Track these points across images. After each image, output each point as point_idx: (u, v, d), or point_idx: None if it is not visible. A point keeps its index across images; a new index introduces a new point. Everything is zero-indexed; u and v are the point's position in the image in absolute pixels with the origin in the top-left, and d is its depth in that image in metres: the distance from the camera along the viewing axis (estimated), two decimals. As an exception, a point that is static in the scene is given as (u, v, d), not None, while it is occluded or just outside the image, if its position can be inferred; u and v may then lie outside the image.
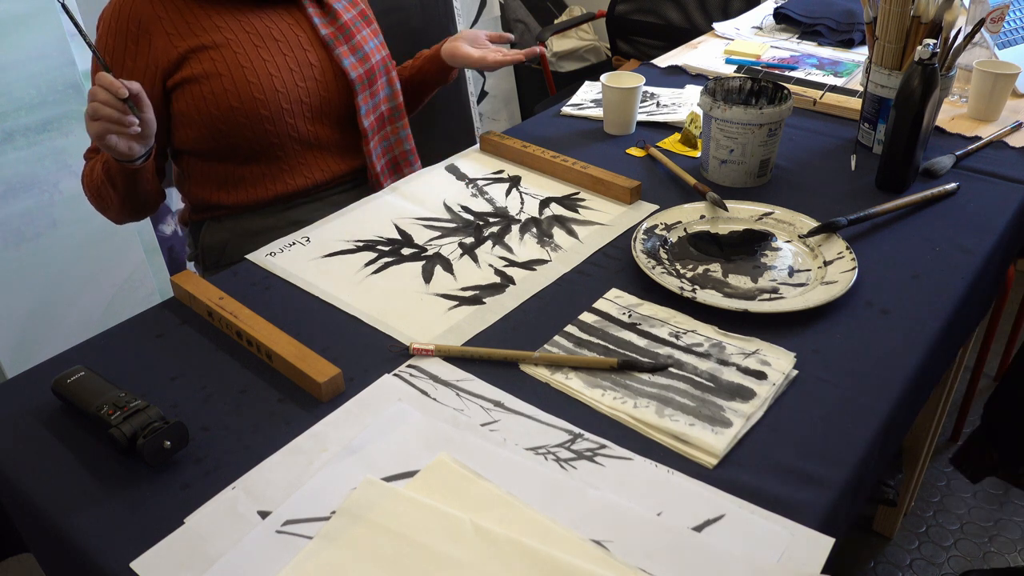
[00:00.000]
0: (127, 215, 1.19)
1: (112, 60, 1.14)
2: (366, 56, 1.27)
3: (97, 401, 0.75)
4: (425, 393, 0.81)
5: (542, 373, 0.83)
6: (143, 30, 1.13)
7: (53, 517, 0.69)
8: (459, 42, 1.33)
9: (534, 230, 1.09)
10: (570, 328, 0.90)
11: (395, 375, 0.83)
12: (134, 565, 0.64)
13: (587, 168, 1.18)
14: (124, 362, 0.87)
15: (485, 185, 1.21)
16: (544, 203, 1.15)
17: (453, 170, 1.25)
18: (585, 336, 0.88)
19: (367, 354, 0.87)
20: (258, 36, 1.18)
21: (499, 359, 0.85)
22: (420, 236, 1.08)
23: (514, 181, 1.22)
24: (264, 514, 0.68)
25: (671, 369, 0.83)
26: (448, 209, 1.14)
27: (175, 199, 1.89)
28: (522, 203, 1.16)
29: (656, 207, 1.13)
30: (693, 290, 0.94)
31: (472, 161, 1.28)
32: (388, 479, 0.71)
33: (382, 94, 1.31)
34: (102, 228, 1.73)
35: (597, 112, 1.43)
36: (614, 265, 1.01)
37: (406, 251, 1.05)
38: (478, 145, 1.33)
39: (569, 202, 1.16)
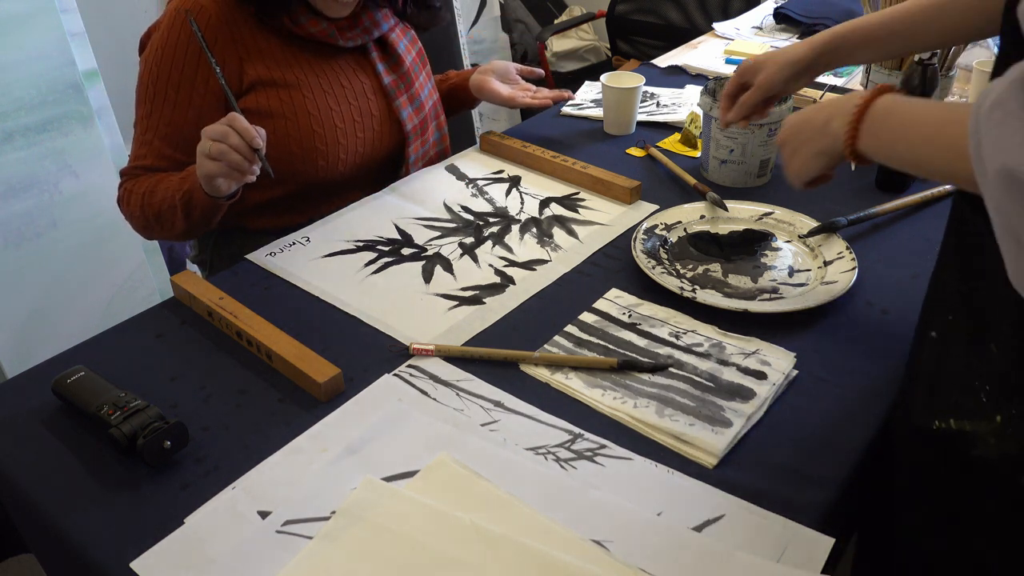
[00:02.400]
0: (178, 239, 1.15)
1: (182, 77, 1.07)
2: (421, 104, 1.24)
3: (97, 401, 0.75)
4: (425, 393, 0.81)
5: (542, 373, 0.83)
6: (217, 51, 1.07)
7: (53, 517, 0.69)
8: (488, 76, 1.31)
9: (534, 230, 1.09)
10: (570, 328, 0.90)
11: (395, 375, 0.83)
12: (134, 565, 0.64)
13: (587, 168, 1.18)
14: (124, 362, 0.87)
15: (485, 185, 1.21)
16: (544, 203, 1.15)
17: (453, 170, 1.25)
18: (585, 336, 0.88)
19: (367, 354, 0.87)
20: (327, 82, 1.14)
21: (499, 359, 0.85)
22: (420, 236, 1.08)
23: (514, 181, 1.22)
24: (264, 514, 0.68)
25: (671, 369, 0.83)
26: (448, 209, 1.14)
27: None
28: (522, 203, 1.16)
29: (656, 207, 1.13)
30: (693, 290, 0.93)
31: (472, 161, 1.28)
32: (388, 479, 0.71)
33: (431, 139, 1.29)
34: (102, 228, 1.73)
35: (597, 112, 1.43)
36: (614, 265, 1.01)
37: (406, 251, 1.05)
38: (478, 145, 1.33)
39: (569, 202, 1.16)
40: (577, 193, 1.18)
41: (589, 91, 1.54)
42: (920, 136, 0.60)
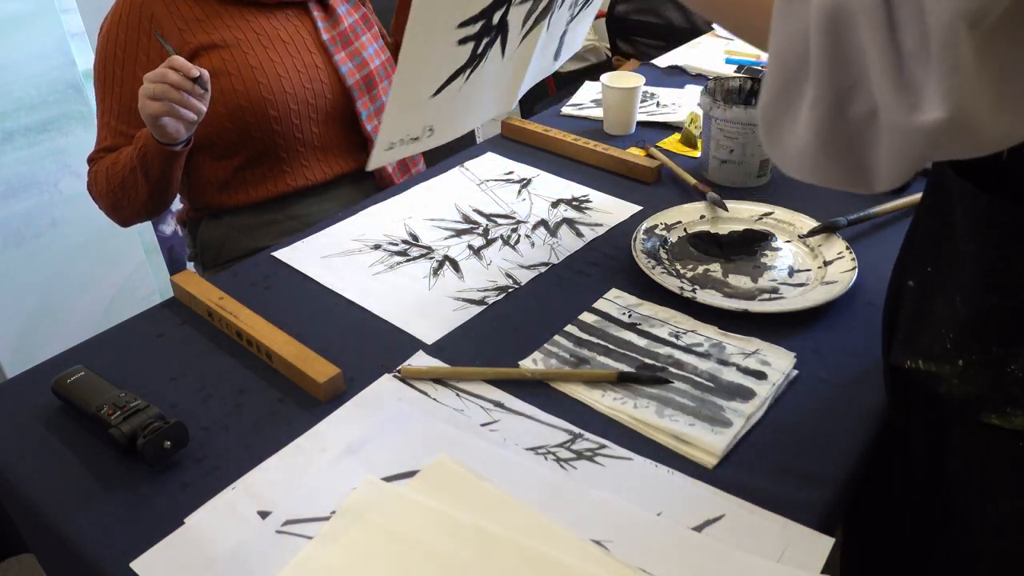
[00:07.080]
0: (147, 209, 1.18)
1: (126, 55, 1.14)
2: (364, 62, 1.26)
3: (97, 401, 0.75)
4: (425, 393, 0.81)
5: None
6: (156, 24, 1.13)
7: (53, 517, 0.69)
8: None
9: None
10: (570, 328, 0.90)
11: (395, 375, 0.83)
12: (134, 565, 0.64)
13: (608, 150, 1.21)
14: (124, 362, 0.87)
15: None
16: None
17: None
18: (585, 336, 0.88)
19: (367, 354, 0.87)
20: (267, 37, 1.18)
21: (491, 378, 0.84)
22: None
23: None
24: (264, 514, 0.68)
25: (671, 369, 0.83)
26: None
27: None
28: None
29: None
30: (693, 290, 0.93)
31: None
32: (388, 479, 0.71)
33: (384, 98, 1.31)
34: (102, 228, 1.73)
35: (597, 112, 1.43)
36: (614, 265, 1.01)
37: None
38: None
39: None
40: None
41: (589, 91, 1.54)
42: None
